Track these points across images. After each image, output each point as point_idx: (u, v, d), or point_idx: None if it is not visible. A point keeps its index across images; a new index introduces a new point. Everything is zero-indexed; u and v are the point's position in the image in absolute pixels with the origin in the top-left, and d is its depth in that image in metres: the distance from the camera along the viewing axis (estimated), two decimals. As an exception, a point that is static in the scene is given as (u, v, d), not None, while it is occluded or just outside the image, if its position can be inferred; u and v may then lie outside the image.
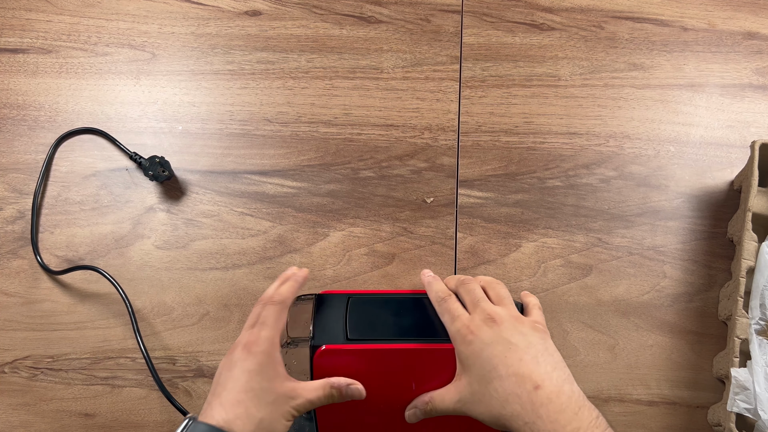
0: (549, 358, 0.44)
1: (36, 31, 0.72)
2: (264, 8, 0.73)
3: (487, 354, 0.44)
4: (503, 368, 0.42)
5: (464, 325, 0.46)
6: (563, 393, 0.41)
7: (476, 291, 0.49)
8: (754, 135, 0.69)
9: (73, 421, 0.59)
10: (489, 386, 0.43)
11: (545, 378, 0.42)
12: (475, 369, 0.44)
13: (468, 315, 0.47)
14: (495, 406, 0.42)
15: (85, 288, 0.63)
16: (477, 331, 0.45)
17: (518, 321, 0.46)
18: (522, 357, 0.43)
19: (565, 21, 0.73)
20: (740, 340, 0.57)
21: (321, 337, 0.48)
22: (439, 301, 0.49)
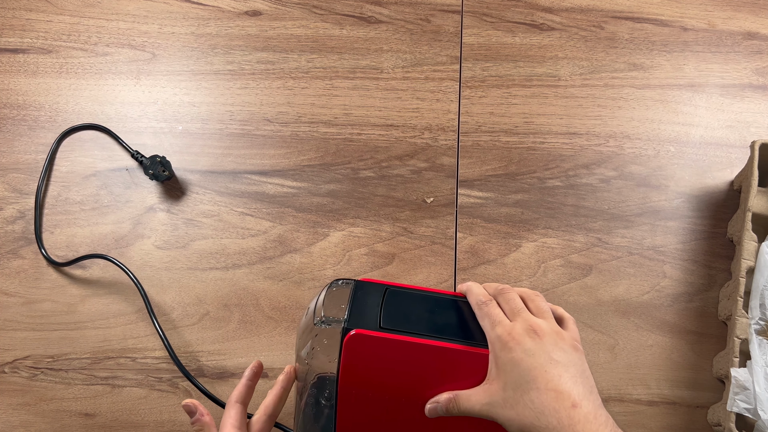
0: (586, 381, 0.44)
1: (36, 31, 0.72)
2: (264, 8, 0.74)
3: (527, 364, 0.44)
4: (543, 381, 0.43)
5: (506, 331, 0.45)
6: (600, 416, 0.42)
7: (516, 300, 0.48)
8: (754, 135, 0.69)
9: (73, 421, 0.59)
10: (525, 396, 0.43)
11: (583, 399, 0.42)
12: (512, 376, 0.44)
13: (509, 322, 0.46)
14: (527, 415, 0.43)
15: (86, 288, 0.63)
16: (519, 339, 0.45)
17: (560, 337, 0.46)
18: (562, 374, 0.43)
19: (565, 21, 0.73)
20: (740, 340, 0.57)
21: (354, 321, 0.47)
22: (480, 305, 0.48)
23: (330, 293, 0.50)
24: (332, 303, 0.48)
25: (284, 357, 0.60)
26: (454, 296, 0.51)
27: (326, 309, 0.48)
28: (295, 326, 0.61)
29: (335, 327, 0.47)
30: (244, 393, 0.50)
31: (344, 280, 0.51)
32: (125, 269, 0.61)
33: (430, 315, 0.49)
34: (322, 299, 0.50)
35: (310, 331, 0.48)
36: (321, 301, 0.49)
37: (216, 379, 0.60)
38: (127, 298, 0.62)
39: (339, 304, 0.49)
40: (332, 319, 0.47)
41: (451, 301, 0.50)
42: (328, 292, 0.50)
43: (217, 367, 0.60)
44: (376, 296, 0.49)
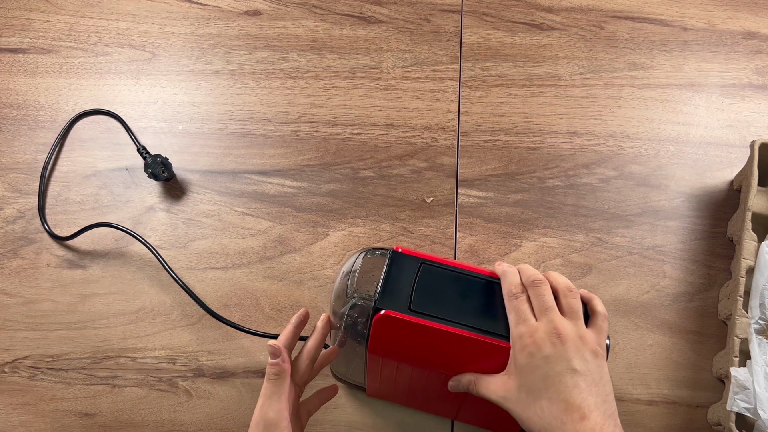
0: (602, 389, 0.44)
1: (36, 31, 0.72)
2: (264, 8, 0.74)
3: (544, 372, 0.44)
4: (555, 392, 0.43)
5: (528, 333, 0.45)
6: (607, 427, 0.42)
7: (547, 297, 0.47)
8: (753, 134, 0.69)
9: (73, 421, 0.59)
10: (536, 402, 0.43)
11: (593, 410, 0.42)
12: (528, 380, 0.44)
13: (534, 322, 0.46)
14: (536, 421, 0.43)
15: (86, 288, 0.63)
16: (540, 344, 0.44)
17: (583, 342, 0.45)
18: (577, 383, 0.43)
19: (565, 21, 0.73)
20: (740, 340, 0.57)
21: (385, 300, 0.47)
22: (510, 297, 0.48)
23: (366, 261, 0.50)
24: (366, 275, 0.49)
25: (284, 357, 0.60)
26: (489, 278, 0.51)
27: (360, 281, 0.49)
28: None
29: (367, 302, 0.48)
30: (290, 339, 0.50)
31: (380, 249, 0.51)
32: (131, 232, 0.61)
33: (462, 298, 0.49)
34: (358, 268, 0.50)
35: (343, 299, 0.50)
36: (356, 271, 0.50)
37: (216, 379, 0.60)
38: (127, 298, 0.62)
39: (373, 276, 0.49)
40: (364, 293, 0.48)
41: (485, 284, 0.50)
42: (364, 260, 0.50)
43: (217, 367, 0.60)
44: (410, 272, 0.49)
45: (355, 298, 0.49)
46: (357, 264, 0.51)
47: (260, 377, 0.60)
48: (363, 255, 0.51)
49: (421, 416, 0.59)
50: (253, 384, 0.60)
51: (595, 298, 0.49)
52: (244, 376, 0.60)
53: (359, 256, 0.52)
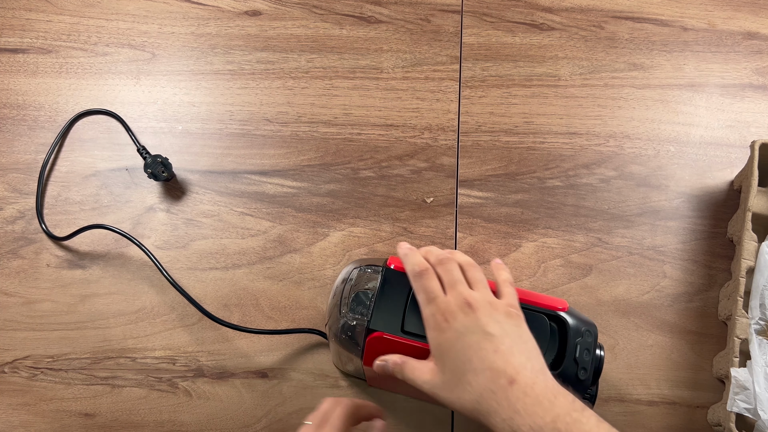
0: (523, 346, 0.43)
1: (36, 31, 0.72)
2: (264, 8, 0.74)
3: (461, 344, 0.43)
4: (477, 361, 0.42)
5: (439, 310, 0.44)
6: (537, 384, 0.41)
7: (455, 272, 0.47)
8: (754, 135, 0.69)
9: (73, 421, 0.59)
10: (462, 378, 0.42)
11: (519, 370, 0.41)
12: (448, 358, 0.43)
13: (444, 297, 0.45)
14: (468, 399, 0.42)
15: (85, 288, 0.63)
16: (451, 318, 0.44)
17: (493, 307, 0.44)
18: (497, 348, 0.42)
19: (565, 21, 0.73)
20: (740, 340, 0.57)
21: (378, 322, 0.48)
22: (416, 276, 0.47)
23: (359, 278, 0.51)
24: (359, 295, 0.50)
25: (284, 358, 0.60)
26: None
27: (353, 300, 0.50)
28: (294, 326, 0.61)
29: (360, 323, 0.49)
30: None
31: (373, 266, 0.52)
32: (127, 235, 0.61)
33: None
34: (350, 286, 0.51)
35: (337, 315, 0.51)
36: (349, 289, 0.51)
37: (216, 380, 0.60)
38: (126, 299, 0.62)
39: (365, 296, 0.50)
40: (357, 315, 0.49)
41: None
42: (357, 277, 0.51)
43: (217, 367, 0.60)
44: (402, 290, 0.50)
45: (347, 318, 0.50)
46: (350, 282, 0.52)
47: (260, 377, 0.60)
48: (357, 272, 0.52)
49: (421, 413, 0.59)
50: (253, 384, 0.60)
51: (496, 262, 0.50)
52: (244, 377, 0.60)
53: (353, 270, 0.53)
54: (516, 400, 0.40)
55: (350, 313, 0.50)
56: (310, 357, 0.61)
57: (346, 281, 0.52)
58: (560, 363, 0.48)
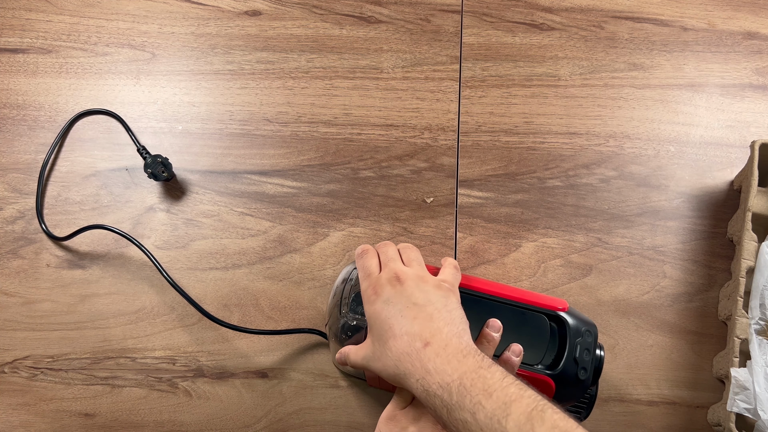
0: (446, 315, 0.44)
1: (36, 31, 0.72)
2: (264, 8, 0.74)
3: (385, 314, 0.44)
4: (397, 328, 0.43)
5: (371, 284, 0.47)
6: (450, 345, 0.42)
7: (390, 251, 0.50)
8: (754, 135, 0.69)
9: (73, 421, 0.59)
10: (385, 346, 0.44)
11: (435, 333, 0.43)
12: (375, 328, 0.45)
13: (378, 274, 0.48)
14: (390, 365, 0.43)
15: (85, 288, 0.63)
16: (380, 290, 0.46)
17: (422, 280, 0.46)
18: (417, 315, 0.44)
19: (565, 21, 0.73)
20: (740, 340, 0.57)
21: None
22: (358, 256, 0.50)
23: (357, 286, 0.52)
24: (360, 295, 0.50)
25: (284, 358, 0.60)
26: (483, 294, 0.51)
27: (353, 300, 0.51)
28: (294, 326, 0.61)
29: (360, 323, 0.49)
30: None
31: None
32: (127, 236, 0.61)
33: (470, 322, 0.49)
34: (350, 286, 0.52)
35: (337, 315, 0.51)
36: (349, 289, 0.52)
37: (216, 380, 0.60)
38: (126, 299, 0.62)
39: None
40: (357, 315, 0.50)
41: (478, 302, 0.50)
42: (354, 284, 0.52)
43: (216, 367, 0.60)
44: None
45: (348, 318, 0.50)
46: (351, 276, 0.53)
47: (260, 377, 0.60)
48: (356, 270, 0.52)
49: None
50: (252, 384, 0.60)
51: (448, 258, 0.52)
52: (244, 377, 0.60)
53: (353, 270, 0.53)
54: (428, 360, 0.41)
55: (350, 313, 0.50)
56: (310, 357, 0.61)
57: (346, 281, 0.52)
58: (560, 363, 0.48)
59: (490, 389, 0.39)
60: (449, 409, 0.40)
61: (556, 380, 0.48)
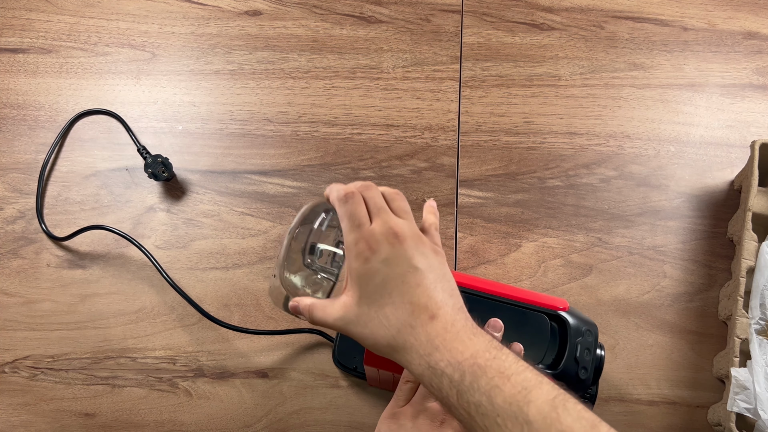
0: (447, 284, 0.41)
1: (36, 30, 0.72)
2: (264, 8, 0.74)
3: (383, 276, 0.39)
4: (398, 295, 0.39)
5: (364, 237, 0.40)
6: (458, 321, 0.39)
7: (379, 198, 0.43)
8: (754, 135, 0.69)
9: (73, 421, 0.59)
10: (380, 311, 0.39)
11: (441, 306, 0.39)
12: (367, 289, 0.40)
13: (369, 225, 0.41)
14: (382, 333, 0.39)
15: (86, 288, 0.63)
16: (376, 246, 0.40)
17: (420, 241, 0.42)
18: (420, 282, 0.40)
19: (566, 21, 0.73)
20: (740, 340, 0.57)
21: None
22: (341, 202, 0.43)
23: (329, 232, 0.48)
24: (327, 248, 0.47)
25: (284, 358, 0.60)
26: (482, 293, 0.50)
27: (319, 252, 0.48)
28: (295, 326, 0.61)
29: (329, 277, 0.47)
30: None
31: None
32: (127, 236, 0.62)
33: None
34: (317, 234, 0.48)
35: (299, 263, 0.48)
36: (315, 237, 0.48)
37: (216, 380, 0.60)
38: (127, 298, 0.62)
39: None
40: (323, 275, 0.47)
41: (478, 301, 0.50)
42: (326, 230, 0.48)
43: (217, 367, 0.60)
44: None
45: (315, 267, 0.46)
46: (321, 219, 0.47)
47: (260, 377, 0.60)
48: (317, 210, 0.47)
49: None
50: (253, 384, 0.60)
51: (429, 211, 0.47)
52: (245, 377, 0.60)
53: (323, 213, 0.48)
54: (435, 335, 0.38)
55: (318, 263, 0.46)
56: (310, 357, 0.61)
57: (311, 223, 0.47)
58: (560, 362, 0.48)
59: (506, 372, 0.36)
60: (459, 390, 0.36)
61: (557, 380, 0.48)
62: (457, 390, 0.37)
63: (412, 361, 0.39)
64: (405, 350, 0.39)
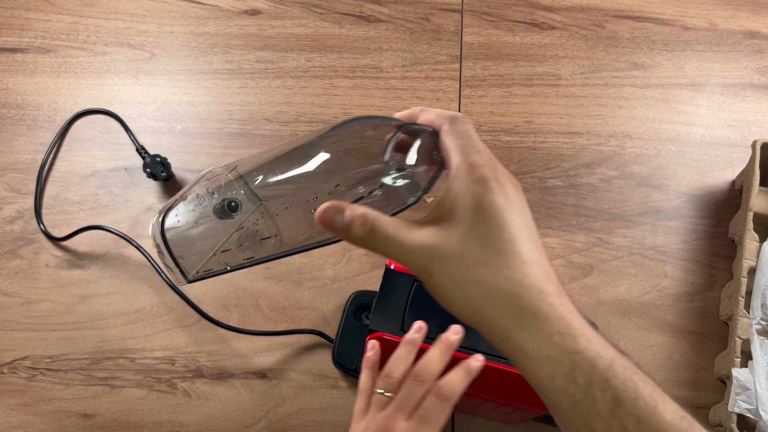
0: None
1: (35, 30, 0.72)
2: (263, 7, 0.73)
3: (509, 218, 0.30)
4: (525, 249, 0.30)
5: (488, 165, 0.31)
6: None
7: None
8: (755, 134, 0.69)
9: (72, 422, 0.59)
10: (501, 259, 0.29)
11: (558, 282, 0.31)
12: (484, 226, 0.30)
13: (487, 153, 0.32)
14: (499, 283, 0.29)
15: (84, 288, 0.63)
16: (502, 181, 0.31)
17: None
18: (539, 245, 0.31)
19: (566, 20, 0.73)
20: (741, 340, 0.56)
21: (378, 322, 0.48)
22: (451, 121, 0.33)
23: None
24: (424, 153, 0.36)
25: (283, 358, 0.60)
26: None
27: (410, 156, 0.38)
28: (294, 326, 0.61)
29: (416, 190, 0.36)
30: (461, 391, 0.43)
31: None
32: (125, 236, 0.61)
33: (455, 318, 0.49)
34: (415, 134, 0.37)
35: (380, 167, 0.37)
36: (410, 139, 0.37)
37: (215, 380, 0.60)
38: (125, 299, 0.62)
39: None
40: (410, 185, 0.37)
41: None
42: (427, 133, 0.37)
43: (216, 368, 0.60)
44: (403, 291, 0.49)
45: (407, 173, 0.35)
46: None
47: (259, 378, 0.60)
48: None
49: (421, 417, 0.58)
50: (252, 385, 0.59)
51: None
52: (244, 377, 0.60)
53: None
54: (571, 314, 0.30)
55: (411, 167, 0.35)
56: (310, 357, 0.60)
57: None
58: None
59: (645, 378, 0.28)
60: (616, 396, 0.27)
61: None
62: (613, 396, 0.27)
63: (532, 339, 0.28)
64: (528, 318, 0.28)
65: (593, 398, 0.27)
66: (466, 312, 0.30)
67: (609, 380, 0.27)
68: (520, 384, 0.46)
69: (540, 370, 0.28)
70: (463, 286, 0.29)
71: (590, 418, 0.28)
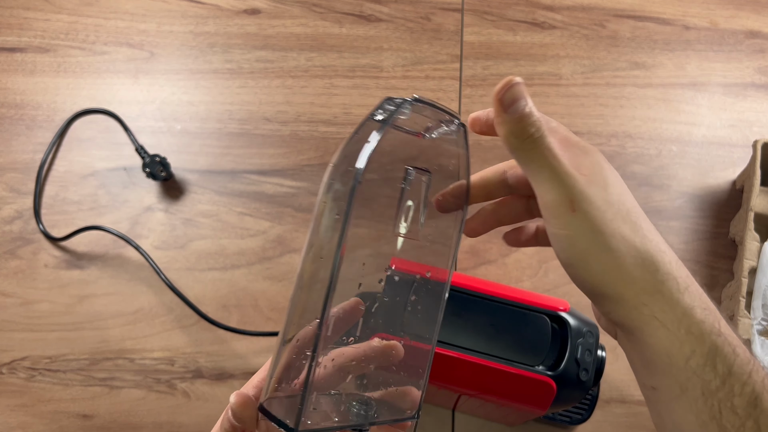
0: None
1: (34, 29, 0.72)
2: (263, 6, 0.73)
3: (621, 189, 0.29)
4: (641, 215, 0.28)
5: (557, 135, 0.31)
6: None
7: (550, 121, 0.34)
8: (756, 134, 0.69)
9: (71, 422, 0.59)
10: (634, 220, 0.28)
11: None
12: (614, 188, 0.28)
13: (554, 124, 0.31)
14: (639, 244, 0.26)
15: (84, 288, 0.63)
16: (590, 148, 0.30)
17: None
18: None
19: (567, 19, 0.73)
20: (743, 341, 0.56)
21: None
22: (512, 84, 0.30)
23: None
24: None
25: (283, 358, 0.60)
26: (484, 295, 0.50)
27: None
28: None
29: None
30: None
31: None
32: (124, 237, 0.61)
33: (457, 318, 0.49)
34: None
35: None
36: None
37: (214, 381, 0.60)
38: (125, 299, 0.62)
39: None
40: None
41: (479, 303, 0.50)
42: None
43: (215, 368, 0.60)
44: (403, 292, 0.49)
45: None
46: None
47: (259, 379, 0.60)
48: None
49: (422, 413, 0.58)
50: (252, 385, 0.59)
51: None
52: (243, 378, 0.60)
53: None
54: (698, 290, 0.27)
55: None
56: (310, 358, 0.60)
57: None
58: (561, 364, 0.48)
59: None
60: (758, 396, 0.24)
61: (558, 381, 0.47)
62: (753, 392, 0.24)
63: (673, 309, 0.25)
64: (669, 285, 0.25)
65: (731, 390, 0.24)
66: (599, 268, 0.26)
67: (751, 374, 0.24)
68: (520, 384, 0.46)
69: (677, 346, 0.25)
70: (603, 236, 0.26)
71: (722, 412, 0.24)
